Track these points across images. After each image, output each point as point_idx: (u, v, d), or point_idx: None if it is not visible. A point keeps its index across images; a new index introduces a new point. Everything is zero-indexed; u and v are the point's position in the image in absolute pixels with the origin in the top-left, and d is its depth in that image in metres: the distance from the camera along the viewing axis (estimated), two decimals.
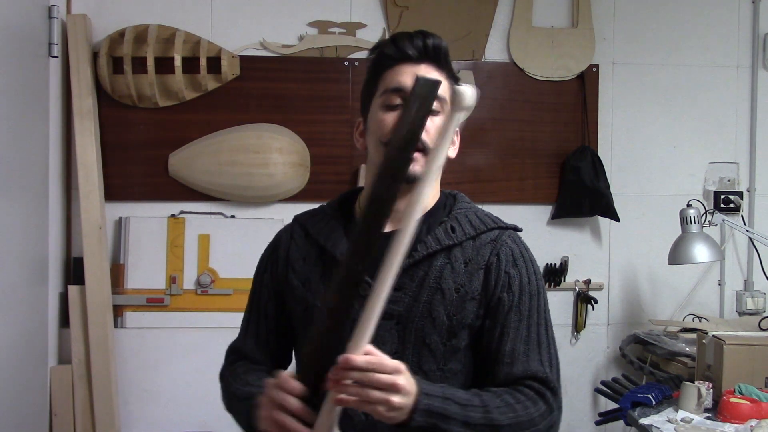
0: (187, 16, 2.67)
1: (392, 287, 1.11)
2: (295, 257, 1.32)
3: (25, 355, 2.36)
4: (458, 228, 1.26)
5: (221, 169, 2.62)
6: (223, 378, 1.38)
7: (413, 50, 1.23)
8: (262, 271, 1.38)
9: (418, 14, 2.74)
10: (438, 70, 1.24)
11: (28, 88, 2.39)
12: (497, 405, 1.14)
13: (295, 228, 1.36)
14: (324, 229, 1.31)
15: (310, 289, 1.28)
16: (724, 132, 2.90)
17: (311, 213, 1.38)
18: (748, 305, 2.85)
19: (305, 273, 1.29)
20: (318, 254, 1.29)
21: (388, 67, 1.25)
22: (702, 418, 1.96)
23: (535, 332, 1.25)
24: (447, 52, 1.26)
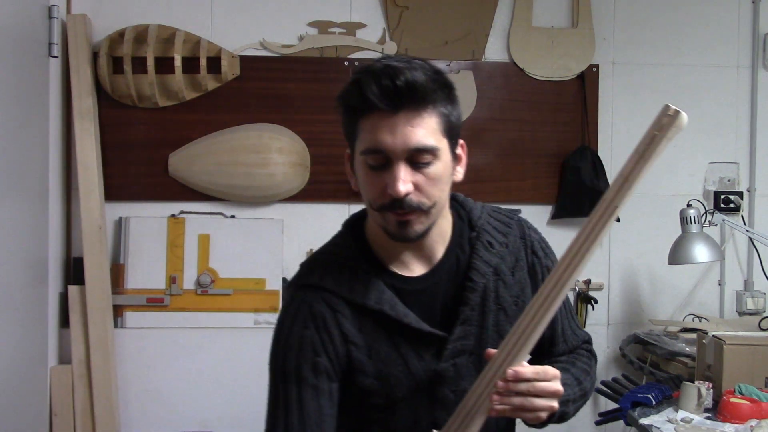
0: (187, 16, 2.67)
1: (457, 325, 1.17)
2: (351, 332, 1.15)
3: (25, 355, 2.36)
4: (494, 240, 1.22)
5: (221, 169, 2.62)
6: None
7: (383, 100, 1.04)
8: (310, 353, 1.14)
9: (418, 14, 2.74)
10: (421, 113, 1.06)
11: (28, 88, 2.39)
12: (580, 374, 1.25)
13: (330, 299, 1.16)
14: (368, 291, 1.15)
15: (380, 358, 1.16)
16: (724, 132, 2.90)
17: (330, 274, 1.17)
18: (748, 305, 2.85)
19: (367, 344, 1.15)
20: (374, 320, 1.15)
21: (362, 117, 1.08)
22: (702, 418, 1.96)
23: (567, 307, 1.34)
24: (425, 85, 1.06)
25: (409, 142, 1.06)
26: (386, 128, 1.05)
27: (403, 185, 1.06)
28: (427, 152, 1.07)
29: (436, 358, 1.17)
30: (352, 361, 1.16)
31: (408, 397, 1.18)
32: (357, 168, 1.14)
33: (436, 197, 1.11)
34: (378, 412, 1.19)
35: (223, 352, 2.64)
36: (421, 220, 1.11)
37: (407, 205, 1.08)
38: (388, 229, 1.13)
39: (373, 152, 1.08)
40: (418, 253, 1.19)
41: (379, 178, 1.08)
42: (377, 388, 1.17)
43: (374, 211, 1.12)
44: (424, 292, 1.18)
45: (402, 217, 1.09)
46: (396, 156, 1.06)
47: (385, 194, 1.08)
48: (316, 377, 1.14)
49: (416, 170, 1.08)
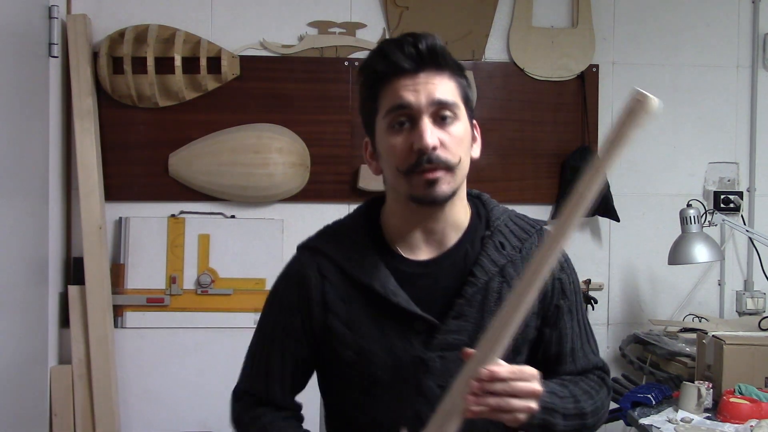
0: (187, 16, 2.67)
1: (453, 317, 1.15)
2: (334, 300, 1.18)
3: (25, 355, 2.36)
4: (506, 243, 1.21)
5: (221, 169, 2.62)
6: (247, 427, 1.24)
7: (407, 62, 1.11)
8: (289, 312, 1.21)
9: (418, 14, 2.74)
10: (441, 74, 1.13)
11: (28, 88, 2.39)
12: (580, 394, 1.19)
13: (323, 264, 1.20)
14: (363, 263, 1.17)
15: (360, 332, 1.16)
16: (724, 132, 2.90)
17: (335, 240, 1.21)
18: (748, 305, 2.85)
19: (351, 316, 1.17)
20: (361, 293, 1.17)
21: (384, 83, 1.13)
22: (702, 418, 1.96)
23: (584, 326, 1.28)
24: (444, 50, 1.14)
25: (432, 95, 1.10)
26: (410, 86, 1.11)
27: (430, 137, 1.09)
28: (449, 107, 1.12)
29: (424, 346, 1.16)
30: (329, 329, 1.18)
31: (391, 383, 1.17)
32: (380, 138, 1.15)
33: (460, 155, 1.13)
34: (361, 395, 1.19)
35: (223, 352, 2.63)
36: (447, 179, 1.12)
37: (435, 159, 1.10)
38: (415, 194, 1.13)
39: (398, 108, 1.11)
40: (429, 237, 1.19)
41: (406, 139, 1.11)
42: (355, 363, 1.17)
43: (401, 176, 1.12)
44: (425, 276, 1.18)
45: (431, 174, 1.10)
46: (421, 111, 1.10)
47: (412, 153, 1.10)
48: (287, 336, 1.21)
49: (440, 128, 1.12)
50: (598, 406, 1.21)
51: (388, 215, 1.22)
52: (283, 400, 1.24)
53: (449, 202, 1.17)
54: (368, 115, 1.18)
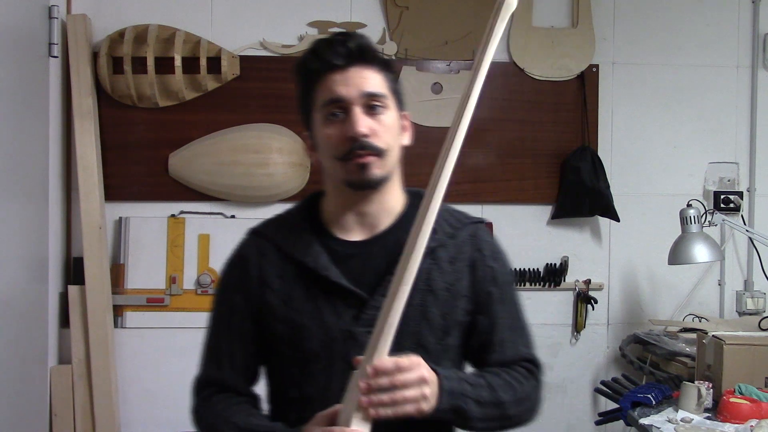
0: (187, 16, 2.67)
1: (381, 294, 1.19)
2: (270, 275, 1.25)
3: (25, 355, 2.36)
4: (439, 228, 1.25)
5: (221, 169, 2.62)
6: (201, 418, 1.29)
7: (338, 58, 1.20)
8: (230, 293, 1.29)
9: (418, 14, 2.74)
10: (369, 68, 1.22)
11: (28, 88, 2.39)
12: (500, 383, 1.21)
13: (263, 244, 1.28)
14: (298, 243, 1.25)
15: (293, 307, 1.23)
16: (724, 132, 2.90)
17: (276, 225, 1.31)
18: (748, 305, 2.85)
19: (285, 291, 1.24)
20: (296, 270, 1.24)
21: (318, 79, 1.22)
22: (702, 418, 1.96)
23: (516, 319, 1.33)
24: (371, 47, 1.23)
25: (362, 87, 1.20)
26: (341, 81, 1.20)
27: (361, 125, 1.18)
28: (378, 98, 1.21)
29: (354, 321, 1.21)
30: (265, 303, 1.25)
31: (323, 357, 1.22)
32: (317, 130, 1.24)
33: (389, 143, 1.21)
34: (296, 370, 1.24)
35: None
36: (378, 164, 1.20)
37: (367, 145, 1.18)
38: (349, 178, 1.21)
39: (332, 102, 1.20)
40: (362, 219, 1.26)
41: (339, 128, 1.20)
42: (288, 336, 1.23)
43: (337, 163, 1.21)
44: (357, 256, 1.25)
45: (362, 159, 1.18)
46: (352, 102, 1.19)
47: (346, 140, 1.19)
48: (231, 315, 1.28)
49: (371, 116, 1.20)
50: (521, 397, 1.23)
51: (326, 202, 1.31)
52: (237, 382, 1.29)
53: (382, 187, 1.24)
54: (305, 110, 1.27)
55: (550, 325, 2.83)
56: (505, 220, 2.78)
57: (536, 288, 2.81)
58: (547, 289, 2.81)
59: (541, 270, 2.81)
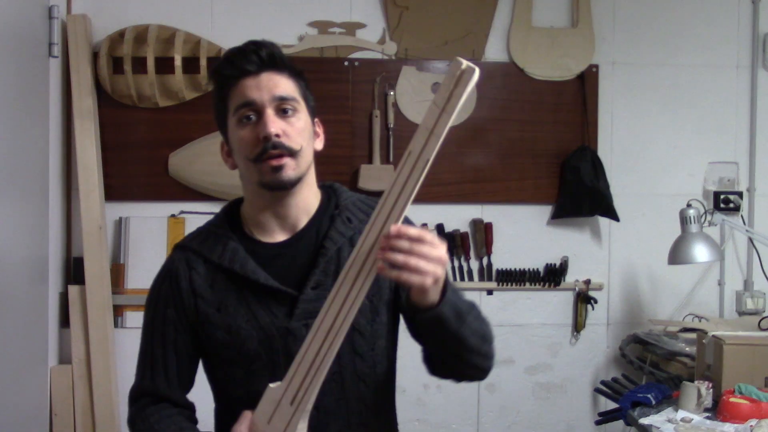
0: (187, 16, 2.67)
1: (310, 287, 1.26)
2: (201, 286, 1.29)
3: (25, 355, 2.36)
4: (353, 218, 1.32)
5: (221, 169, 2.57)
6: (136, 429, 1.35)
7: (250, 64, 1.26)
8: (162, 306, 1.33)
9: (418, 14, 2.74)
10: (280, 74, 1.27)
11: (28, 88, 2.39)
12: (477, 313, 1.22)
13: (190, 257, 1.32)
14: (225, 252, 1.29)
15: (228, 312, 1.27)
16: (724, 132, 2.89)
17: (200, 238, 1.34)
18: (748, 305, 2.85)
19: (218, 299, 1.28)
20: (226, 278, 1.28)
21: (232, 85, 1.27)
22: (702, 418, 1.96)
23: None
24: (282, 55, 1.29)
25: (273, 91, 1.25)
26: (253, 85, 1.25)
27: (273, 125, 1.23)
28: (288, 101, 1.26)
29: (288, 317, 1.26)
30: (200, 313, 1.29)
31: (265, 355, 1.26)
32: (232, 134, 1.28)
33: (302, 144, 1.26)
34: (238, 369, 1.29)
35: None
36: (292, 165, 1.24)
37: (279, 145, 1.23)
38: (264, 180, 1.25)
39: (244, 105, 1.25)
40: (282, 221, 1.31)
41: (252, 131, 1.24)
42: (227, 341, 1.27)
43: (251, 165, 1.25)
44: (282, 256, 1.29)
45: (276, 160, 1.23)
46: (264, 105, 1.24)
47: (258, 141, 1.23)
48: (165, 327, 1.32)
49: (282, 119, 1.25)
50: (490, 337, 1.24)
51: (245, 207, 1.36)
52: (171, 393, 1.34)
53: (298, 188, 1.29)
54: (221, 115, 1.32)
55: (550, 325, 2.83)
56: (505, 220, 2.78)
57: (536, 288, 2.81)
58: (547, 289, 2.81)
59: (541, 270, 2.81)
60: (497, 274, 2.78)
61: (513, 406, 2.83)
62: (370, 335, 1.30)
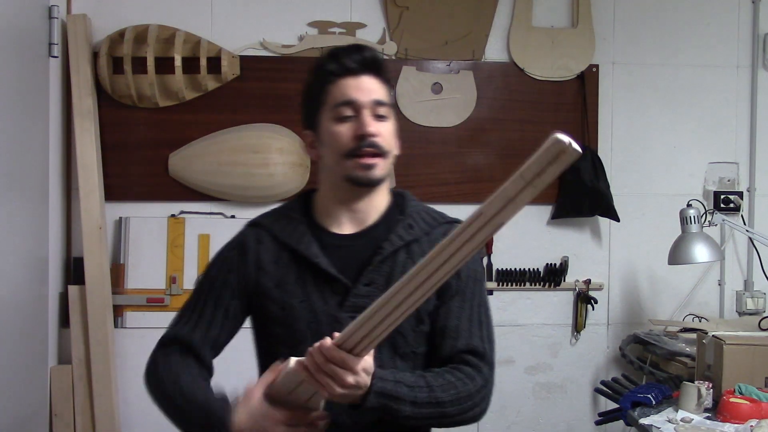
0: (187, 16, 2.67)
1: (362, 283, 1.32)
2: (265, 260, 1.37)
3: (25, 355, 2.36)
4: (416, 225, 1.38)
5: (221, 169, 2.62)
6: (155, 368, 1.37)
7: (354, 64, 1.32)
8: (225, 270, 1.39)
9: (418, 14, 2.74)
10: (378, 79, 1.34)
11: (28, 88, 2.39)
12: (440, 384, 1.27)
13: (261, 233, 1.39)
14: (294, 233, 1.36)
15: (286, 290, 1.34)
16: (724, 132, 2.90)
17: (273, 217, 1.42)
18: (748, 305, 2.85)
19: (279, 275, 1.35)
20: (290, 257, 1.35)
21: (332, 81, 1.33)
22: (702, 418, 1.96)
23: (477, 312, 1.39)
24: (383, 62, 1.37)
25: (372, 95, 1.32)
26: (354, 86, 1.32)
27: (372, 126, 1.30)
28: (385, 106, 1.33)
29: (338, 306, 1.32)
30: (260, 286, 1.36)
31: (310, 338, 1.27)
32: (325, 127, 1.34)
33: (391, 147, 1.34)
34: (285, 348, 1.32)
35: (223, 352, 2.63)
36: (381, 165, 1.32)
37: (375, 144, 1.30)
38: (353, 175, 1.32)
39: (345, 104, 1.31)
40: (353, 215, 1.38)
41: (349, 128, 1.31)
42: (280, 317, 1.35)
43: (342, 159, 1.31)
44: (345, 248, 1.36)
45: (369, 159, 1.30)
46: (363, 106, 1.31)
47: (355, 138, 1.30)
48: (222, 289, 1.39)
49: (377, 121, 1.32)
50: (462, 396, 1.27)
51: (320, 197, 1.42)
52: (202, 350, 1.38)
53: (377, 188, 1.36)
54: (313, 107, 1.37)
55: (550, 325, 2.83)
56: None
57: (536, 288, 2.81)
58: (547, 289, 2.81)
59: (541, 270, 2.81)
60: (497, 274, 2.78)
61: (513, 406, 2.83)
62: (413, 340, 1.34)
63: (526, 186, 0.94)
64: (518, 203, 0.95)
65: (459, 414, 1.28)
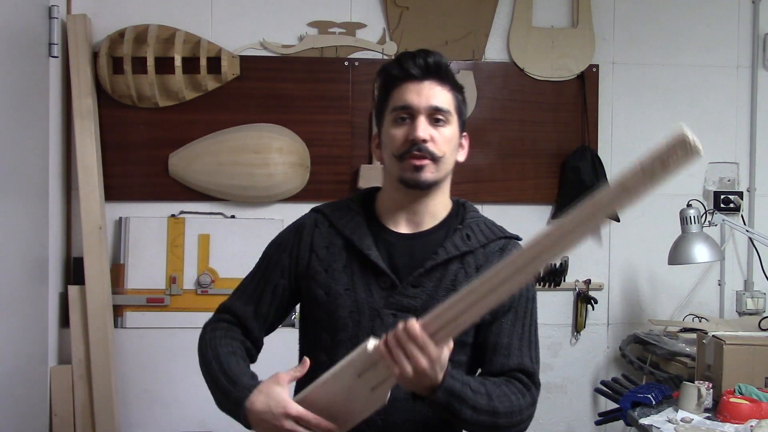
0: (187, 16, 2.67)
1: (409, 284, 1.34)
2: (319, 245, 1.41)
3: (25, 355, 2.36)
4: (473, 236, 1.39)
5: (221, 169, 2.62)
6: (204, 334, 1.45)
7: (416, 69, 1.34)
8: (281, 249, 1.45)
9: (418, 14, 2.74)
10: (441, 85, 1.36)
11: (28, 88, 2.39)
12: (497, 394, 1.28)
13: (319, 218, 1.44)
14: (350, 223, 1.40)
15: (333, 276, 1.37)
16: (724, 132, 2.89)
17: (334, 206, 1.46)
18: (748, 305, 2.85)
19: (328, 260, 1.39)
20: (342, 245, 1.39)
21: (396, 86, 1.36)
22: (702, 418, 1.97)
23: (528, 332, 1.40)
24: (448, 67, 1.38)
25: (431, 101, 1.34)
26: (414, 91, 1.35)
27: (423, 131, 1.33)
28: (443, 112, 1.35)
29: (383, 302, 1.34)
30: (310, 268, 1.40)
31: (350, 327, 1.34)
32: (385, 129, 1.38)
33: (445, 152, 1.35)
34: (326, 334, 1.37)
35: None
36: (431, 168, 1.34)
37: (424, 149, 1.32)
38: (404, 176, 1.34)
39: (402, 108, 1.35)
40: (410, 217, 1.40)
41: (404, 130, 1.34)
42: (324, 302, 1.37)
43: (395, 161, 1.35)
44: (398, 246, 1.38)
45: (419, 161, 1.32)
46: (419, 111, 1.34)
47: (407, 141, 1.33)
48: (274, 269, 1.44)
49: (433, 126, 1.34)
50: (515, 410, 1.29)
51: (381, 195, 1.45)
52: (251, 324, 1.44)
53: (432, 191, 1.38)
54: (380, 110, 1.41)
55: (550, 325, 2.83)
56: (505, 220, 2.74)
57: (536, 288, 2.80)
58: (547, 289, 2.81)
59: (541, 270, 2.81)
60: None
61: None
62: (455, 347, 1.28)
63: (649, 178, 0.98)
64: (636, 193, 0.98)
65: (508, 427, 1.29)
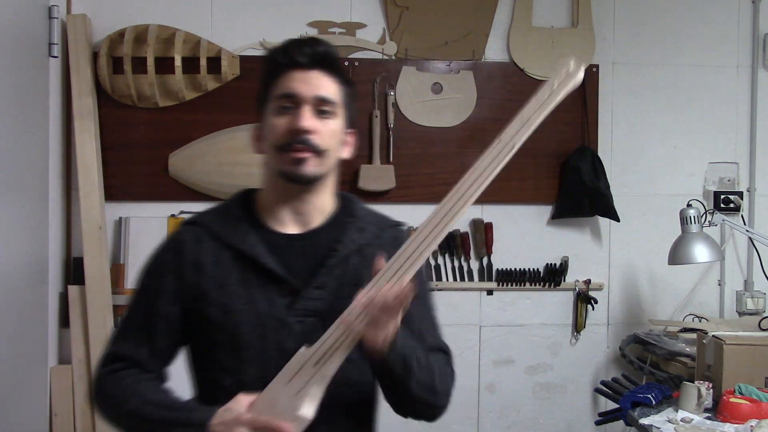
0: (187, 16, 2.67)
1: (314, 287, 1.27)
2: (205, 261, 1.28)
3: (25, 355, 2.36)
4: (367, 229, 1.34)
5: (221, 169, 2.62)
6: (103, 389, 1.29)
7: (304, 57, 1.27)
8: (161, 274, 1.30)
9: (418, 14, 2.74)
10: (329, 76, 1.29)
11: (28, 88, 2.39)
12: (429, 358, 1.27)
13: (198, 231, 1.31)
14: (236, 231, 1.29)
15: (228, 291, 1.26)
16: (724, 132, 2.90)
17: (211, 215, 1.34)
18: (748, 305, 2.85)
19: (220, 276, 1.27)
20: (231, 257, 1.28)
21: (280, 74, 1.28)
22: (702, 418, 1.97)
23: (431, 314, 1.40)
24: (337, 59, 1.32)
25: (317, 91, 1.27)
26: (301, 79, 1.27)
27: (306, 121, 1.25)
28: (329, 104, 1.27)
29: (286, 309, 1.26)
30: (199, 288, 1.27)
31: (255, 343, 1.25)
32: (266, 119, 1.29)
33: (329, 146, 1.28)
34: (228, 355, 1.26)
35: None
36: (314, 162, 1.26)
37: (307, 140, 1.24)
38: (284, 169, 1.26)
39: (286, 96, 1.26)
40: (296, 216, 1.32)
41: (286, 120, 1.26)
42: (221, 321, 1.26)
43: (275, 153, 1.26)
44: (290, 248, 1.30)
45: (301, 153, 1.24)
46: (304, 101, 1.26)
47: (289, 132, 1.25)
48: (159, 297, 1.29)
49: (318, 118, 1.27)
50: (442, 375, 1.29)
51: (262, 195, 1.35)
52: (151, 363, 1.30)
53: (316, 187, 1.30)
54: (262, 99, 1.32)
55: (550, 325, 2.83)
56: (505, 220, 2.78)
57: (536, 288, 2.81)
58: (547, 289, 2.81)
59: (541, 270, 2.81)
60: (497, 274, 2.78)
61: (513, 406, 2.83)
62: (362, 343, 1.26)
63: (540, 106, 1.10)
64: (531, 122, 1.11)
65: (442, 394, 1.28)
